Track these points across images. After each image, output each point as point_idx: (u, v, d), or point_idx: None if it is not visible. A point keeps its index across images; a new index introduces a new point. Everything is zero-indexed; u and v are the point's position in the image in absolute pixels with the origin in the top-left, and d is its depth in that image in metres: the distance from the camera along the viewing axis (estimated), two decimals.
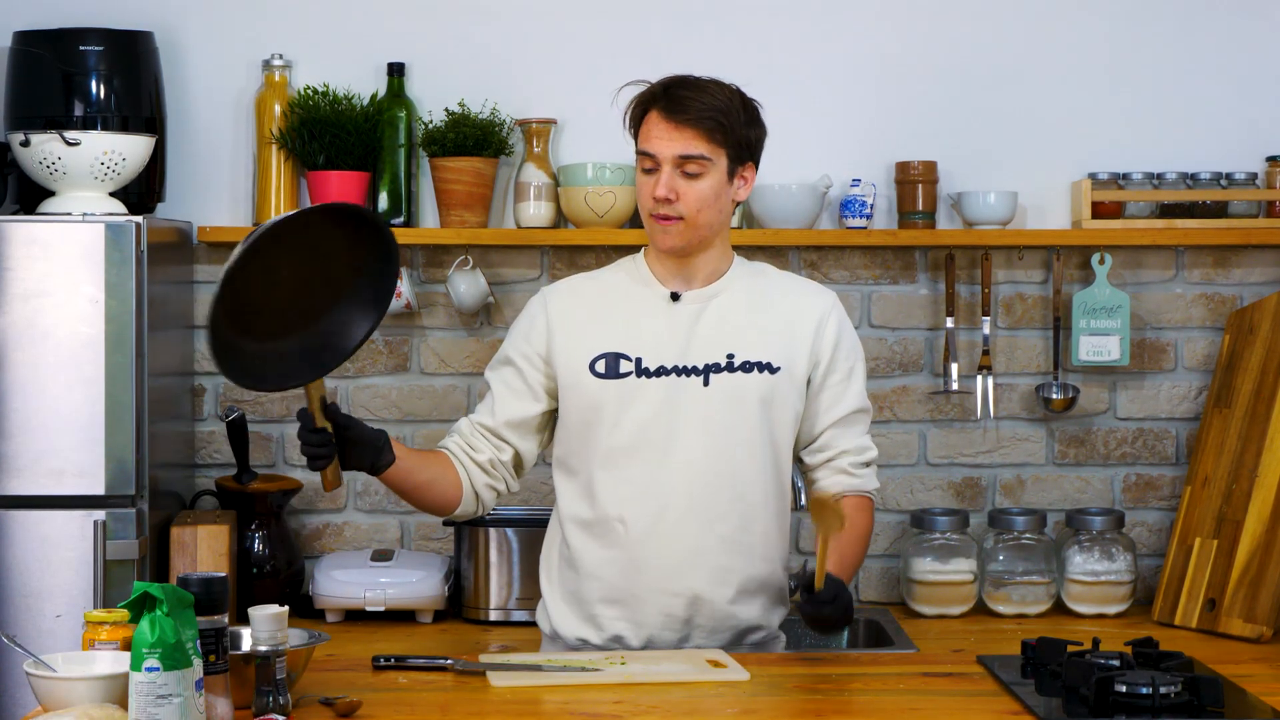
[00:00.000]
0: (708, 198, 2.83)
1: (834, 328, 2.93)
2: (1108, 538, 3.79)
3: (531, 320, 2.96)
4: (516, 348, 2.95)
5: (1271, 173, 3.86)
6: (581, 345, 2.90)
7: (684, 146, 2.80)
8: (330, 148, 3.79)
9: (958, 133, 3.93)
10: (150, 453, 3.45)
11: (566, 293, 2.98)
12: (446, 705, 2.53)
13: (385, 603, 3.66)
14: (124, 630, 2.42)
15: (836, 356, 2.93)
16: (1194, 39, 3.95)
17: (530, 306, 2.99)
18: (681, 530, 2.85)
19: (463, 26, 3.92)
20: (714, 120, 2.80)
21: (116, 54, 3.68)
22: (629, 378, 2.87)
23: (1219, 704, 2.50)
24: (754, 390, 2.87)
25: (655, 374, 2.87)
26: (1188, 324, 3.96)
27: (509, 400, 2.94)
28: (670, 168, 2.80)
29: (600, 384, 2.87)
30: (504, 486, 2.96)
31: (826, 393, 2.93)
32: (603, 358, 2.88)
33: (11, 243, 3.39)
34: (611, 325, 2.90)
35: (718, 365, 2.87)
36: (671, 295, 2.91)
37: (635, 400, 2.86)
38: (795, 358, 2.90)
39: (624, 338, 2.89)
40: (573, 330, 2.91)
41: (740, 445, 2.87)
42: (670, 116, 2.80)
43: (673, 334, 2.89)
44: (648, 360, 2.87)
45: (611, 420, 2.87)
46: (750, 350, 2.88)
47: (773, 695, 2.60)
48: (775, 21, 3.92)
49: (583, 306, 2.94)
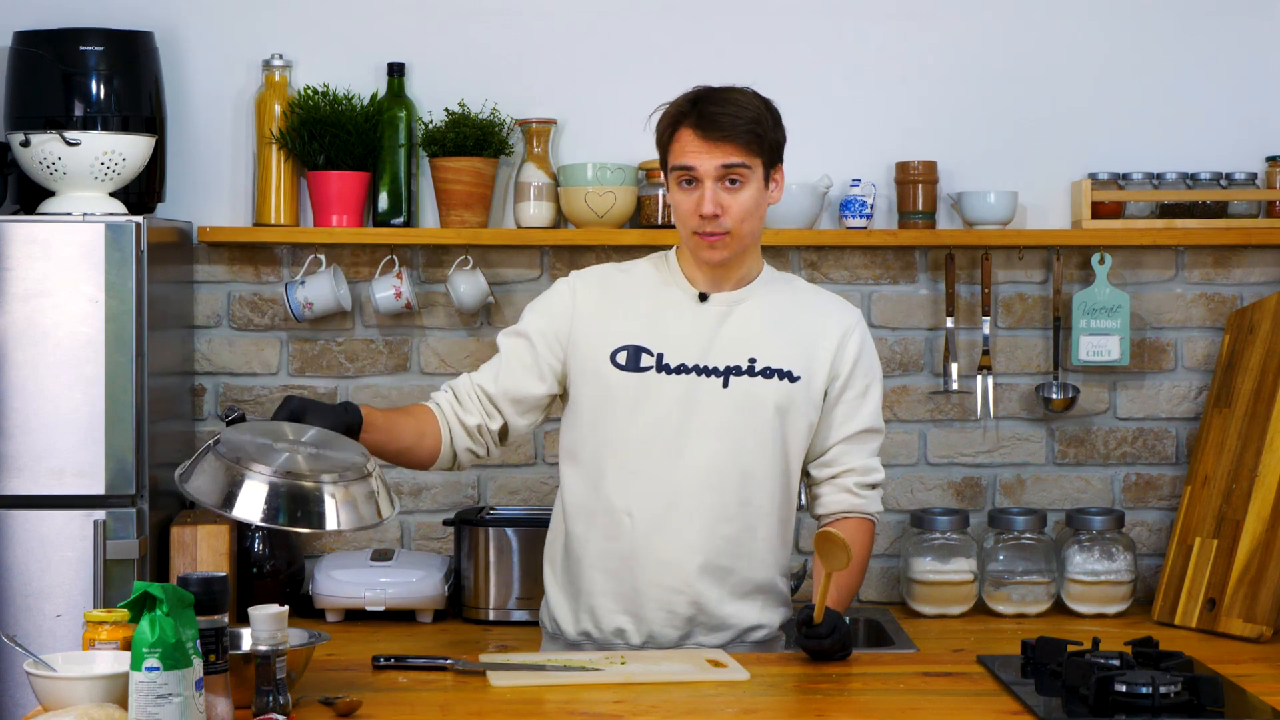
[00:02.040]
0: (749, 207, 2.83)
1: (856, 344, 2.94)
2: (1108, 537, 3.79)
3: (558, 300, 2.95)
4: (536, 324, 2.94)
5: (1271, 173, 3.87)
6: (605, 335, 2.90)
7: (723, 157, 2.80)
8: (330, 148, 3.79)
9: (958, 133, 3.94)
10: (150, 453, 3.45)
11: (596, 281, 2.97)
12: (446, 705, 2.53)
13: (385, 603, 3.66)
14: (124, 630, 2.42)
15: (855, 373, 2.94)
16: (1194, 39, 3.95)
17: (558, 286, 2.97)
18: (687, 528, 2.86)
19: (463, 26, 3.92)
20: (750, 131, 2.81)
21: (116, 54, 3.68)
22: (649, 372, 2.87)
23: (1219, 704, 2.50)
24: (771, 396, 2.88)
25: (675, 371, 2.87)
26: (1188, 324, 3.96)
27: (516, 372, 2.93)
28: (712, 182, 2.80)
29: (620, 375, 2.87)
30: (484, 452, 2.96)
31: (841, 408, 2.94)
32: (625, 349, 2.88)
33: (11, 243, 3.39)
34: (636, 318, 2.90)
35: (738, 368, 2.87)
36: (700, 295, 2.91)
37: (652, 395, 2.86)
38: (815, 370, 2.91)
39: (648, 332, 2.89)
40: (598, 319, 2.91)
41: (752, 449, 2.87)
42: (706, 133, 2.80)
43: (697, 333, 2.89)
44: (669, 357, 2.88)
45: (627, 413, 2.87)
46: (772, 357, 2.89)
47: (773, 695, 2.60)
48: (775, 22, 3.92)
49: (610, 297, 2.93)
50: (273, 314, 3.92)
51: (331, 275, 3.83)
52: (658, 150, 2.89)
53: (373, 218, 3.88)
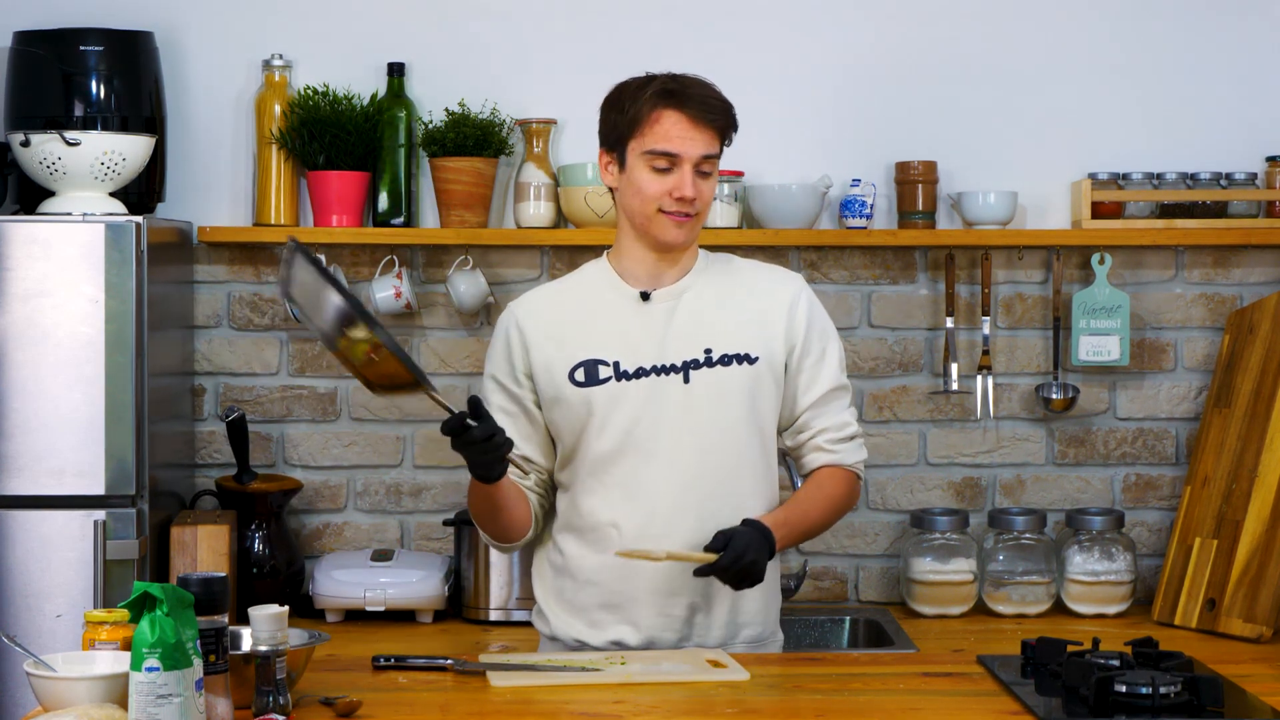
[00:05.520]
0: (710, 196, 2.87)
1: (804, 310, 2.94)
2: (1108, 538, 3.79)
3: (506, 341, 2.92)
4: (501, 373, 2.92)
5: (1271, 173, 3.87)
6: (558, 356, 2.88)
7: (705, 146, 2.82)
8: (330, 148, 3.79)
9: (958, 133, 3.94)
10: (150, 453, 3.45)
11: (533, 305, 2.95)
12: (446, 705, 2.53)
13: (385, 603, 3.66)
14: (124, 630, 2.42)
15: (810, 338, 2.93)
16: (1194, 39, 3.95)
17: (500, 328, 2.95)
18: (674, 529, 2.84)
19: (463, 26, 3.92)
20: (727, 120, 2.84)
21: (116, 54, 3.68)
22: (609, 383, 2.86)
23: (1219, 704, 2.50)
24: (737, 383, 2.87)
25: (635, 376, 2.86)
26: (1188, 324, 3.96)
27: (513, 432, 2.88)
28: (690, 166, 2.81)
29: (582, 393, 2.86)
30: (550, 504, 2.97)
31: (803, 375, 2.93)
32: (581, 366, 2.87)
33: (11, 243, 3.39)
34: (584, 332, 2.89)
35: (696, 361, 2.87)
36: (641, 295, 2.90)
37: (618, 404, 2.85)
38: (772, 345, 2.91)
39: (599, 343, 2.87)
40: (546, 342, 2.89)
41: (727, 439, 2.87)
42: (695, 117, 2.80)
43: (648, 334, 2.87)
44: (625, 363, 2.86)
45: (597, 427, 2.86)
46: (727, 343, 2.88)
47: (773, 695, 2.60)
48: (775, 21, 3.92)
49: (552, 317, 2.92)
50: (273, 314, 3.92)
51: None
52: (617, 128, 2.84)
53: (373, 218, 3.88)
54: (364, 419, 3.93)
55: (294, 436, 3.93)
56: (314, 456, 3.94)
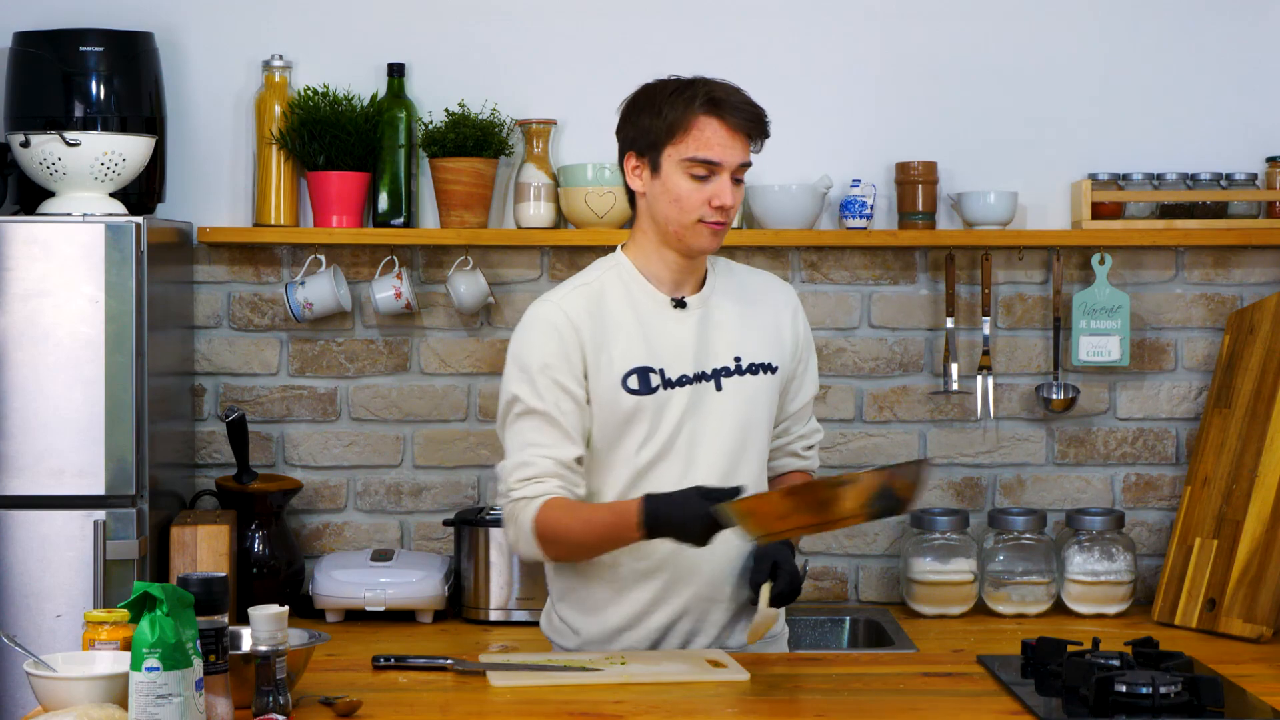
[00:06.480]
0: (740, 202, 2.85)
1: (802, 322, 2.98)
2: (1108, 538, 3.79)
3: (560, 339, 2.80)
4: (559, 370, 2.79)
5: (1271, 173, 3.87)
6: (613, 361, 2.82)
7: (742, 155, 2.79)
8: (330, 148, 3.79)
9: (958, 133, 3.94)
10: (150, 453, 3.45)
11: (579, 305, 2.83)
12: (446, 705, 2.53)
13: (385, 603, 3.66)
14: (124, 630, 2.42)
15: (806, 350, 2.98)
16: (1194, 39, 3.95)
17: (547, 324, 2.81)
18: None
19: (463, 26, 3.92)
20: (763, 129, 2.82)
21: (116, 54, 3.68)
22: (659, 391, 2.82)
23: (1219, 704, 2.50)
24: (762, 391, 2.88)
25: (678, 384, 2.83)
26: (1188, 324, 3.96)
27: (581, 423, 2.81)
28: (728, 175, 2.78)
29: (635, 399, 2.81)
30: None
31: (794, 383, 2.97)
32: (635, 372, 2.81)
33: (11, 243, 3.39)
34: (633, 338, 2.83)
35: (727, 369, 2.87)
36: (675, 302, 2.86)
37: (664, 412, 2.82)
38: (784, 356, 2.93)
39: (647, 350, 2.83)
40: (602, 345, 2.82)
41: (750, 445, 2.88)
42: (735, 126, 2.77)
43: (687, 341, 2.85)
44: (670, 370, 2.83)
45: (644, 434, 2.82)
46: (754, 352, 2.89)
47: (773, 695, 2.60)
48: (775, 21, 3.92)
49: (602, 320, 2.84)
50: (273, 314, 3.92)
51: (331, 276, 3.83)
52: (650, 133, 2.78)
53: (373, 218, 3.88)
54: (364, 419, 3.93)
55: (294, 436, 3.93)
56: (314, 456, 3.94)
